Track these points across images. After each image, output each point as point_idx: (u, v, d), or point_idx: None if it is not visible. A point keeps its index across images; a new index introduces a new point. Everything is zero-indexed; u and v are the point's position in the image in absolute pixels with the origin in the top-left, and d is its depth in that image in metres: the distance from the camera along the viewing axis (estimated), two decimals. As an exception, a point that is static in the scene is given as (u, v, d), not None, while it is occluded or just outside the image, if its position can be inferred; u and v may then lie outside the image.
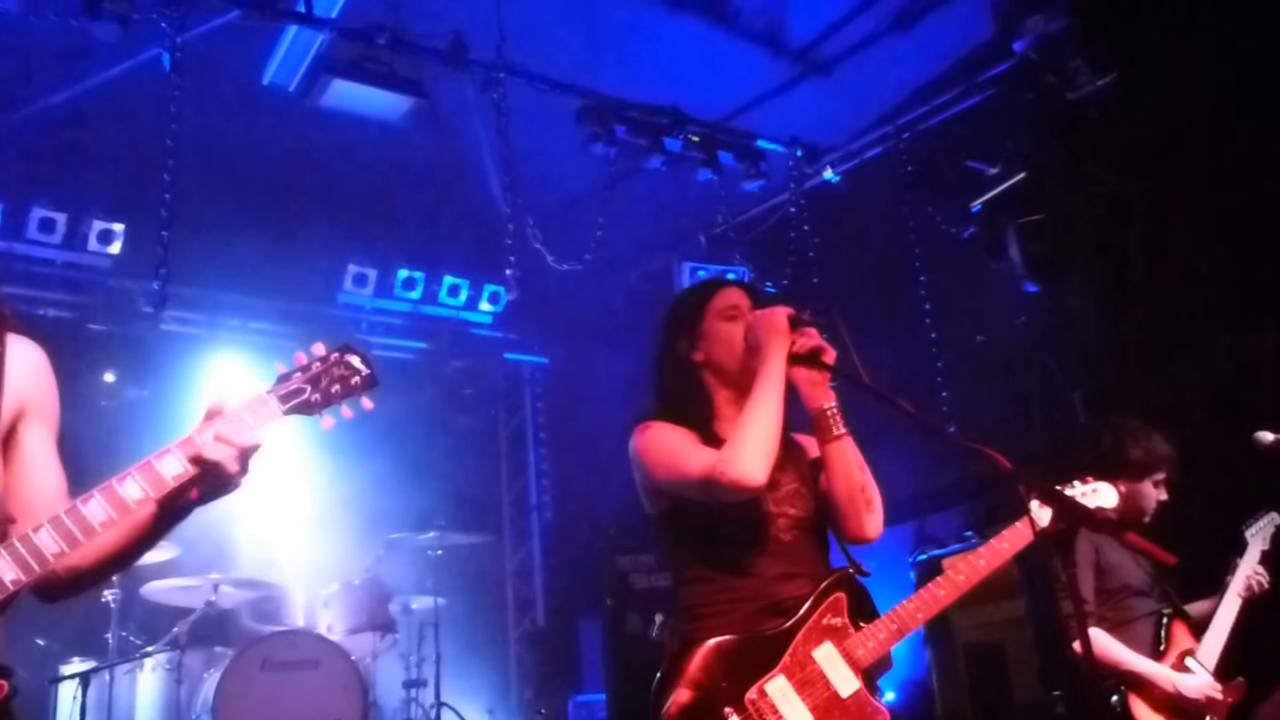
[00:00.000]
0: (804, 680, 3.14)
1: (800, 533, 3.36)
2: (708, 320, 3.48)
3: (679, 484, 3.29)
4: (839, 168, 8.62)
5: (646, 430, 3.38)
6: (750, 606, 3.25)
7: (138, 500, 2.31)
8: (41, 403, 2.54)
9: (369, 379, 2.58)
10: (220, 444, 2.35)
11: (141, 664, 7.05)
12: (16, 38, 6.38)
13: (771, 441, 3.17)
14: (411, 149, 8.10)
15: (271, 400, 2.46)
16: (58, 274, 8.31)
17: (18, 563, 2.21)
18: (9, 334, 2.50)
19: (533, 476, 11.18)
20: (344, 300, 9.71)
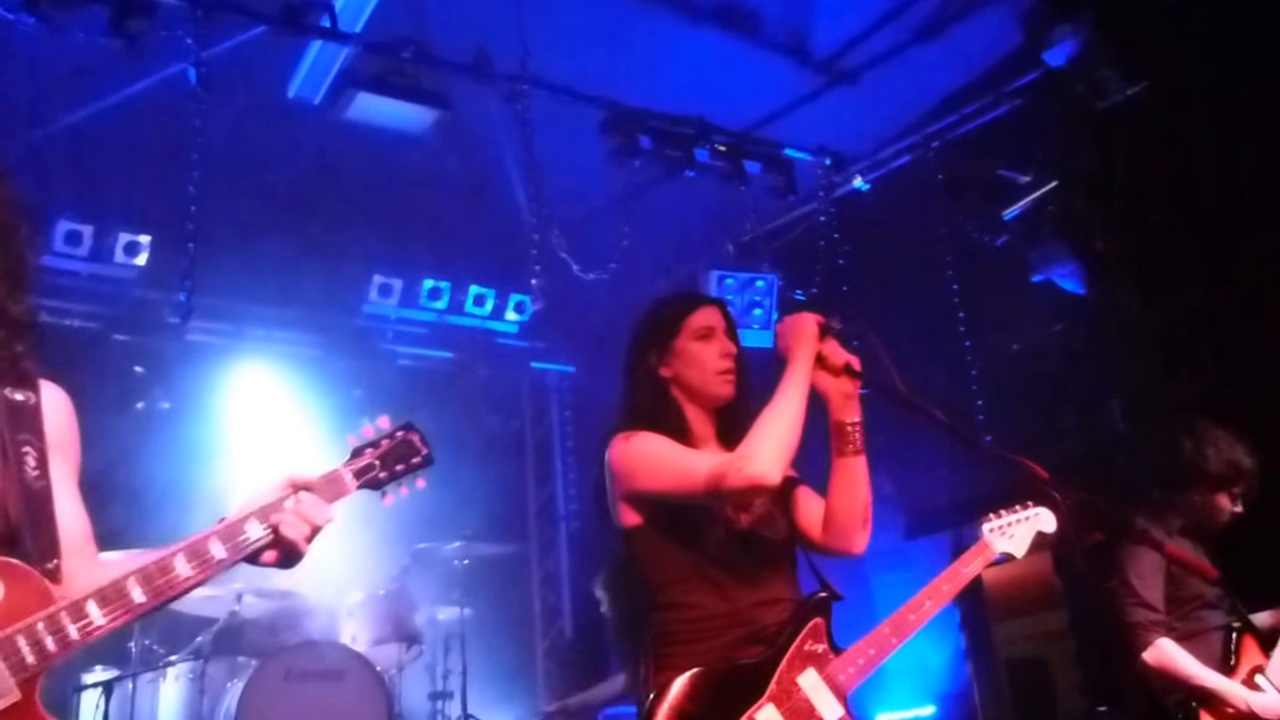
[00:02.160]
0: (792, 709, 3.10)
1: (777, 554, 3.34)
2: (681, 337, 3.44)
3: (677, 489, 3.20)
4: (868, 176, 8.57)
5: (631, 438, 3.30)
6: (730, 636, 3.20)
7: (220, 560, 2.42)
8: (67, 444, 2.60)
9: (426, 459, 2.82)
10: (299, 520, 2.48)
11: (164, 673, 7.05)
12: (45, 54, 6.44)
13: (791, 443, 3.11)
14: (437, 160, 8.13)
15: (347, 475, 2.66)
16: (84, 286, 8.35)
17: (106, 610, 2.27)
18: (40, 380, 2.58)
19: (560, 486, 11.18)
20: (369, 310, 9.73)
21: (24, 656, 2.17)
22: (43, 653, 2.18)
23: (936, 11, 7.31)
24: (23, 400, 2.51)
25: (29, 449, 2.44)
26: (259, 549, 2.47)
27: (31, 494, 2.39)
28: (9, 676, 2.16)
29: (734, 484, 3.05)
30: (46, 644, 2.18)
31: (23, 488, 2.38)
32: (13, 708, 2.16)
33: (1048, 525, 3.83)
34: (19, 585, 2.23)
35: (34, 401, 2.52)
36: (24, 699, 2.17)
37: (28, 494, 2.38)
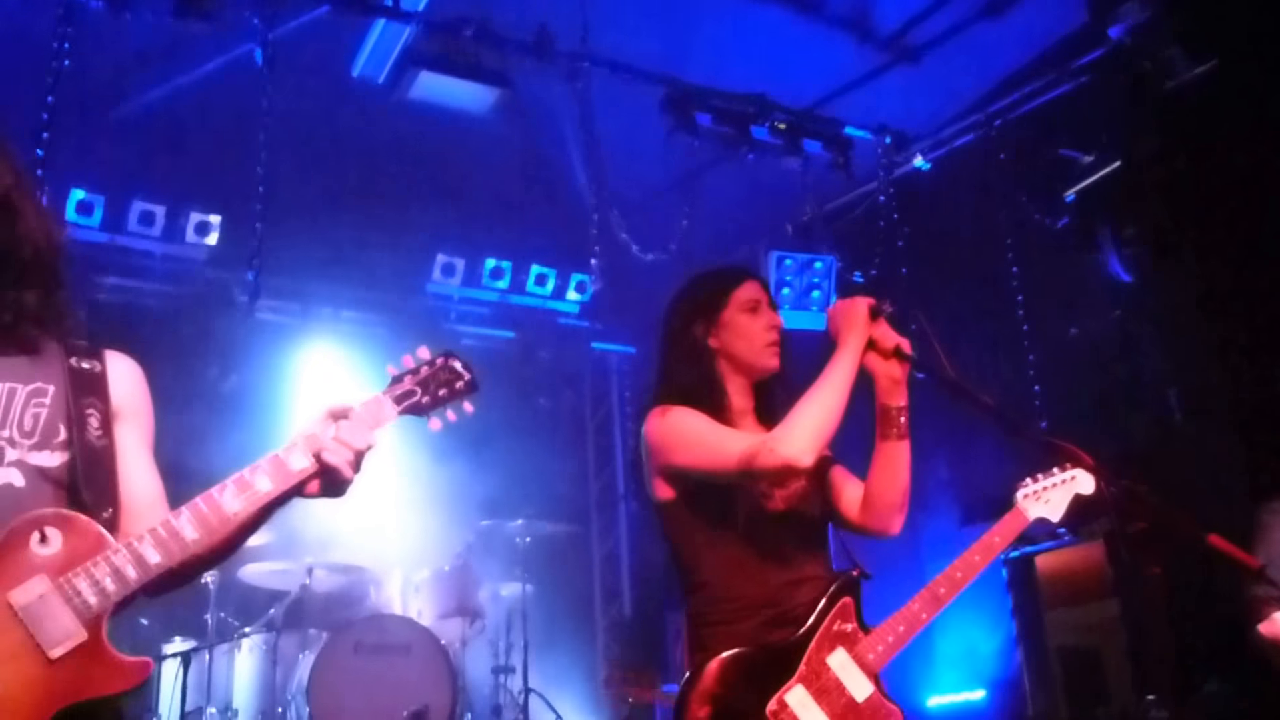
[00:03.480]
0: (821, 689, 3.13)
1: (810, 532, 3.36)
2: (729, 309, 3.46)
3: (709, 466, 3.21)
4: (929, 155, 8.48)
5: (667, 413, 3.32)
6: (761, 617, 3.22)
7: (267, 492, 2.47)
8: (136, 410, 2.71)
9: (471, 383, 2.76)
10: (340, 446, 2.52)
11: (239, 645, 7.23)
12: (114, 37, 6.52)
13: (829, 427, 3.11)
14: (498, 140, 8.16)
15: (387, 402, 2.65)
16: (157, 265, 8.53)
17: (160, 547, 2.36)
18: (106, 351, 2.68)
19: (619, 466, 11.21)
20: (432, 290, 9.82)
21: (86, 598, 2.28)
22: (104, 593, 2.29)
23: (1001, -14, 7.24)
24: (88, 369, 2.61)
25: (93, 411, 2.55)
26: (305, 479, 2.52)
27: (92, 450, 2.50)
28: (74, 618, 2.27)
29: (766, 464, 3.06)
30: (106, 585, 2.29)
31: (84, 445, 2.49)
32: (81, 647, 2.26)
33: (1085, 487, 3.74)
34: (76, 534, 2.33)
35: (99, 370, 2.63)
36: (91, 638, 2.28)
37: (89, 450, 2.49)
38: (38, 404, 2.52)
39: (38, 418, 2.50)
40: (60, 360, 2.60)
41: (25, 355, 2.57)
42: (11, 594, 2.24)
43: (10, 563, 2.27)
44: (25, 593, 2.25)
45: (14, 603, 2.24)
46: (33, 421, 2.49)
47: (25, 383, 2.53)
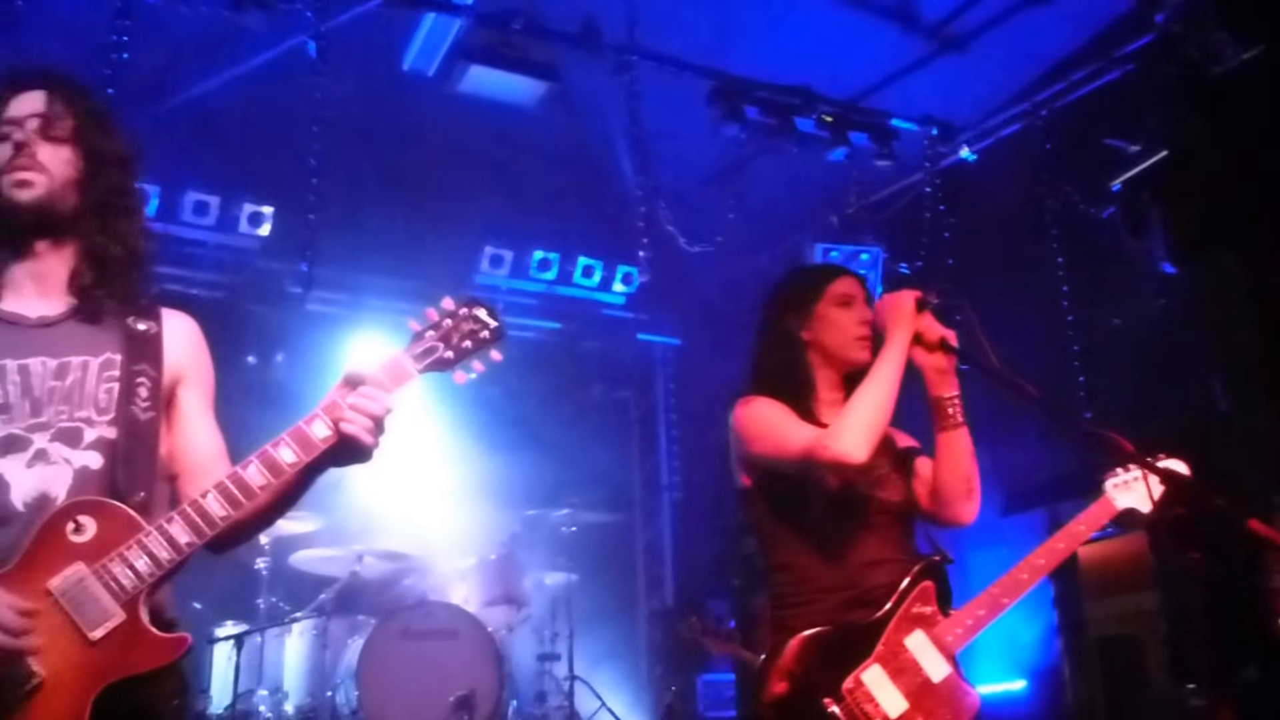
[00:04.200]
0: (898, 668, 3.18)
1: (890, 518, 3.40)
2: (823, 303, 3.51)
3: (778, 458, 3.30)
4: (975, 146, 8.47)
5: (749, 404, 3.40)
6: (839, 597, 3.28)
7: (291, 463, 2.48)
8: (197, 369, 2.76)
9: (497, 331, 2.69)
10: (356, 415, 2.51)
11: (289, 629, 7.33)
12: (170, 29, 6.64)
13: (880, 422, 3.18)
14: (545, 132, 8.21)
15: (407, 360, 2.60)
16: (210, 255, 8.59)
17: (190, 527, 2.41)
18: (163, 310, 2.72)
19: (664, 457, 11.25)
20: (480, 281, 9.85)
21: (121, 581, 2.35)
22: (137, 574, 2.37)
23: (1048, -27, 7.21)
24: (144, 330, 2.65)
25: (143, 379, 2.58)
26: (328, 449, 2.51)
27: (136, 428, 2.54)
28: (110, 600, 2.35)
29: (821, 460, 3.14)
30: (139, 566, 2.36)
31: (129, 421, 2.53)
32: (119, 627, 2.35)
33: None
34: (108, 519, 2.40)
35: (155, 331, 2.67)
36: (129, 618, 2.36)
37: (132, 425, 2.53)
38: (109, 377, 2.57)
39: (111, 393, 2.56)
40: (120, 321, 2.64)
41: (94, 323, 2.62)
42: (51, 581, 2.33)
43: (49, 552, 2.35)
44: (64, 580, 2.34)
45: (54, 589, 2.32)
46: (106, 397, 2.55)
47: (96, 354, 2.58)
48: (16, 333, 2.55)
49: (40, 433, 2.47)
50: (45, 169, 2.56)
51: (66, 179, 2.59)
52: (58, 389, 2.51)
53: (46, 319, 2.59)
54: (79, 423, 2.50)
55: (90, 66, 6.00)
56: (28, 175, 2.54)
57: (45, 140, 2.59)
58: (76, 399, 2.52)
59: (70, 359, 2.55)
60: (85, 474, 2.48)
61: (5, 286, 2.60)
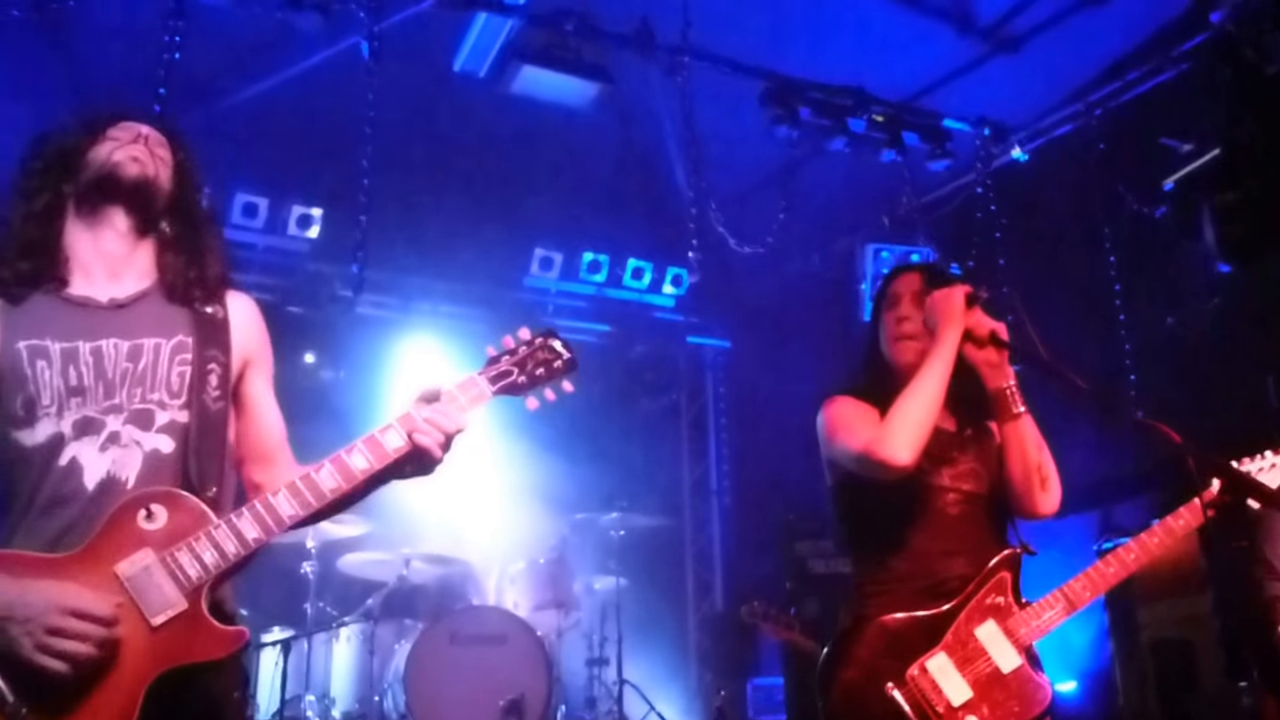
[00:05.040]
0: (965, 657, 3.20)
1: (970, 509, 3.41)
2: (883, 308, 3.61)
3: (844, 457, 3.37)
4: (1027, 146, 8.36)
5: (830, 404, 3.50)
6: (914, 585, 3.31)
7: (363, 470, 2.57)
8: (261, 353, 2.88)
9: (570, 362, 2.81)
10: (431, 427, 2.60)
11: (337, 634, 7.33)
12: (222, 31, 6.65)
13: (925, 422, 3.21)
14: (596, 133, 8.17)
15: (482, 381, 2.73)
16: (259, 258, 8.61)
17: (259, 523, 2.49)
18: (228, 291, 2.82)
19: (713, 461, 11.20)
20: (530, 283, 9.88)
21: (187, 570, 2.42)
22: (204, 566, 2.43)
23: (1104, -26, 7.09)
24: (212, 313, 2.74)
25: (214, 366, 2.67)
26: (399, 458, 2.60)
27: (208, 418, 2.62)
28: (175, 589, 2.41)
29: (872, 460, 3.21)
30: (206, 558, 2.43)
31: (201, 411, 2.61)
32: (181, 615, 2.41)
33: None
34: (179, 509, 2.47)
35: (222, 315, 2.76)
36: (190, 608, 2.42)
37: (205, 418, 2.61)
38: (181, 361, 2.64)
39: (183, 376, 2.63)
40: (188, 304, 2.73)
41: (165, 305, 2.71)
42: (119, 565, 2.39)
43: (120, 536, 2.42)
44: (131, 564, 2.40)
45: (120, 573, 2.39)
46: (179, 381, 2.63)
47: (168, 337, 2.66)
48: (88, 315, 2.63)
49: (114, 415, 2.55)
50: (157, 160, 2.74)
51: (167, 177, 2.76)
52: (130, 371, 2.59)
53: (117, 301, 2.67)
54: (151, 405, 2.58)
55: (142, 67, 6.02)
56: (143, 154, 2.71)
57: (158, 145, 2.77)
58: (150, 381, 2.60)
59: (143, 341, 2.63)
60: (155, 457, 2.55)
61: (74, 269, 2.68)
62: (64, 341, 2.57)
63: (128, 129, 2.74)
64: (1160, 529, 3.49)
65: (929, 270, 3.71)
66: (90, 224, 2.70)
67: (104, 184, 2.68)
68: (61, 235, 2.69)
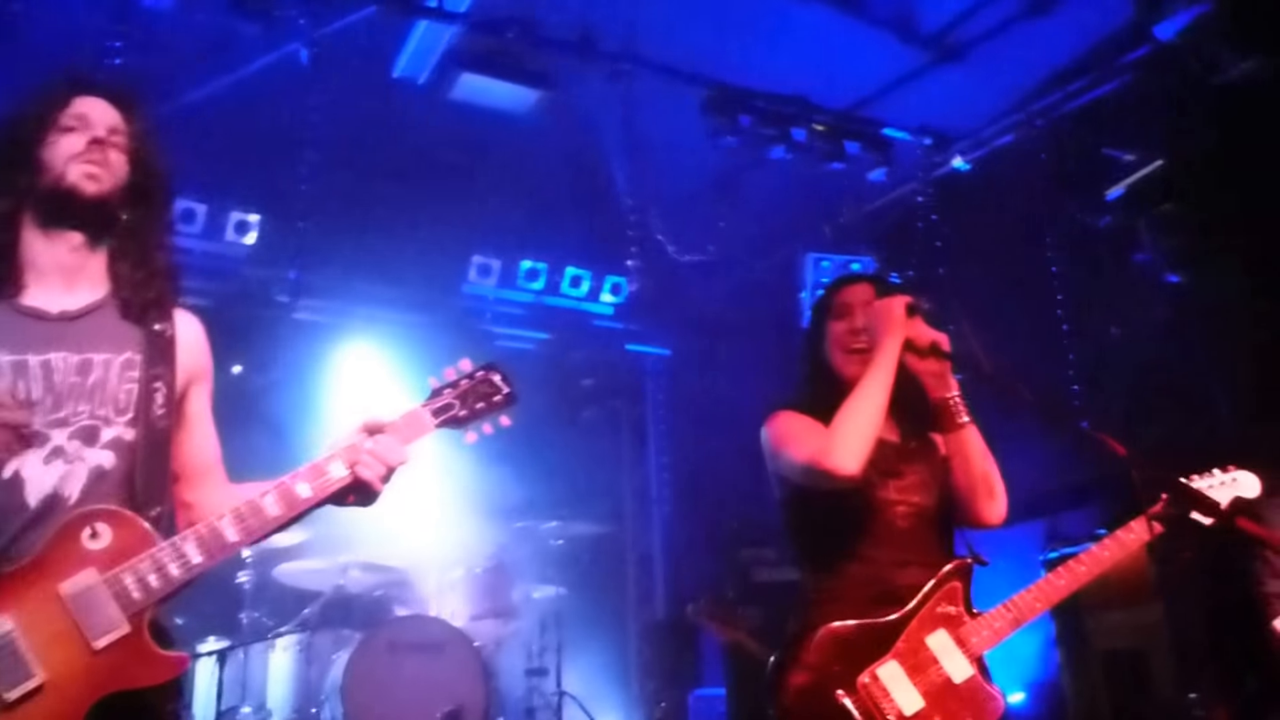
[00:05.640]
0: (916, 665, 3.20)
1: (919, 521, 3.42)
2: (830, 316, 3.60)
3: (790, 469, 3.37)
4: (969, 155, 8.41)
5: (775, 418, 3.50)
6: (865, 592, 3.31)
7: (306, 499, 2.60)
8: (204, 372, 2.88)
9: (509, 397, 2.88)
10: (374, 460, 2.64)
11: (273, 644, 7.22)
12: (162, 36, 6.54)
13: (869, 431, 3.22)
14: (537, 140, 8.14)
15: (425, 415, 2.79)
16: (196, 263, 8.40)
17: (203, 548, 2.49)
18: (176, 310, 2.82)
19: (653, 468, 11.18)
20: (468, 291, 9.83)
21: (131, 593, 2.40)
22: (147, 589, 2.41)
23: (1050, -17, 7.16)
24: (160, 331, 2.73)
25: (160, 385, 2.66)
26: (341, 489, 2.63)
27: (154, 436, 2.61)
28: (118, 611, 2.39)
29: (817, 471, 3.21)
30: (150, 580, 2.42)
31: (149, 428, 2.60)
32: (123, 639, 2.38)
33: (1249, 490, 3.70)
34: (125, 530, 2.46)
35: (170, 333, 2.75)
36: (133, 631, 2.40)
37: (151, 436, 2.61)
38: (129, 378, 2.64)
39: (130, 393, 2.63)
40: (139, 320, 2.72)
41: (115, 320, 2.70)
42: (62, 585, 2.37)
43: (63, 555, 2.39)
44: (75, 584, 2.38)
45: (63, 593, 2.36)
46: (126, 397, 2.62)
47: (118, 352, 2.65)
48: (38, 327, 2.62)
49: (59, 429, 2.54)
50: (112, 169, 2.71)
51: (123, 184, 2.75)
52: (78, 385, 2.58)
53: (68, 313, 2.66)
54: (98, 420, 2.57)
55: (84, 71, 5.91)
56: (98, 170, 2.68)
57: (112, 146, 2.73)
58: (98, 397, 2.59)
59: (92, 356, 2.62)
60: (99, 473, 2.55)
61: (29, 279, 2.66)
62: (13, 354, 2.55)
63: (82, 121, 2.71)
64: (1111, 541, 3.52)
65: (878, 281, 3.72)
66: (46, 232, 2.68)
67: (60, 201, 2.67)
68: (19, 242, 2.68)
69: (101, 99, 2.79)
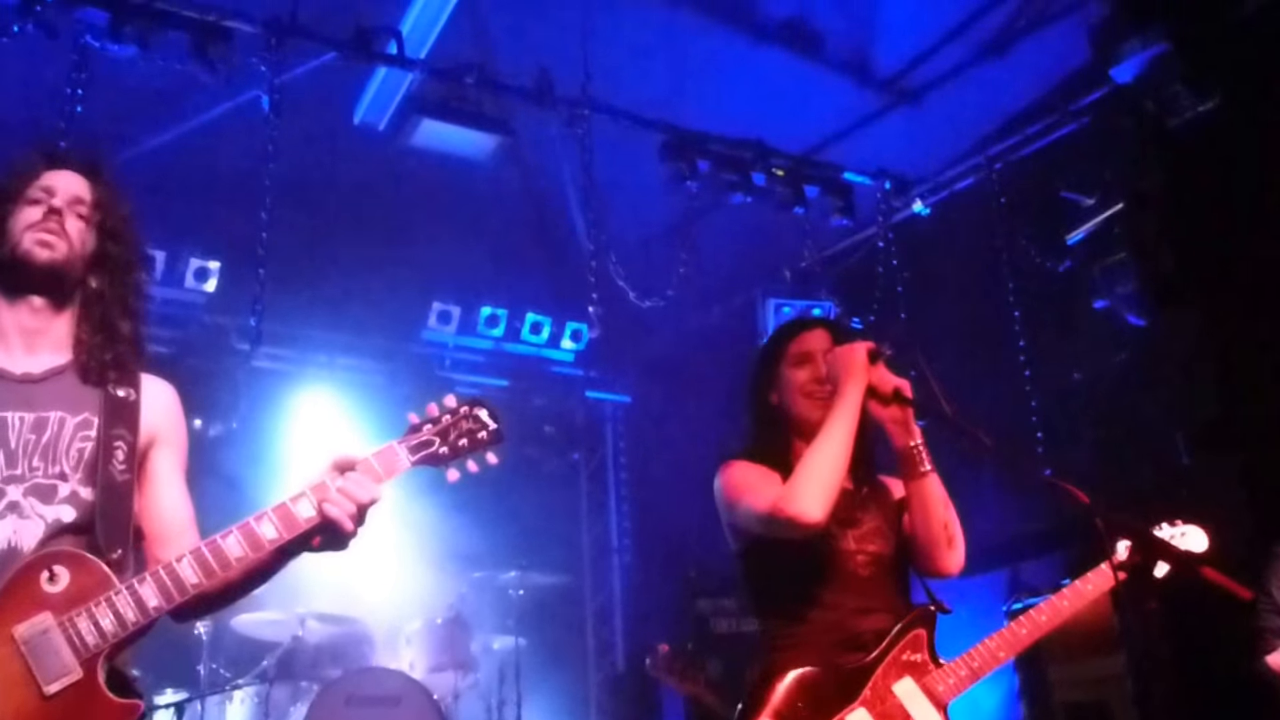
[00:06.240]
0: (884, 714, 3.15)
1: (879, 569, 3.37)
2: (783, 364, 3.53)
3: (749, 520, 3.31)
4: (929, 200, 8.46)
5: (727, 469, 3.44)
6: (829, 639, 3.26)
7: (271, 540, 2.51)
8: (172, 434, 2.81)
9: (496, 434, 2.73)
10: (343, 498, 2.54)
11: (231, 696, 7.11)
12: (123, 80, 6.54)
13: (833, 479, 3.17)
14: (496, 185, 8.18)
15: (401, 451, 2.65)
16: (156, 310, 8.26)
17: (160, 590, 2.42)
18: (143, 374, 2.77)
19: (614, 517, 11.12)
20: (428, 337, 9.80)
21: (85, 637, 2.34)
22: (101, 633, 2.35)
23: (1003, 28, 7.24)
24: (124, 396, 2.67)
25: (120, 443, 2.60)
26: (310, 529, 2.53)
27: (114, 486, 2.56)
28: (71, 656, 2.33)
29: (780, 520, 3.14)
30: (105, 625, 2.36)
31: (108, 480, 2.55)
32: (75, 685, 2.32)
33: (1197, 544, 3.74)
34: (83, 572, 2.40)
35: (134, 399, 2.68)
36: (86, 677, 2.33)
37: (111, 486, 2.55)
38: (84, 437, 2.59)
39: (82, 452, 2.58)
40: (101, 385, 2.68)
41: (77, 384, 2.66)
42: (16, 628, 2.32)
43: (20, 597, 2.35)
44: (29, 627, 2.33)
45: (17, 636, 2.31)
46: (78, 456, 2.57)
47: (74, 413, 2.61)
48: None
49: (14, 485, 2.50)
50: (69, 238, 2.68)
51: (83, 253, 2.72)
52: (33, 442, 2.54)
53: (30, 375, 2.63)
54: (53, 479, 2.53)
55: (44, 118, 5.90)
56: (52, 239, 2.65)
57: (72, 215, 2.71)
58: (52, 454, 2.55)
59: (48, 414, 2.58)
60: (57, 526, 2.49)
61: None
62: None
63: (47, 193, 2.70)
64: (1069, 591, 3.52)
65: (832, 325, 3.71)
66: (9, 298, 2.66)
67: (16, 268, 2.65)
68: None
69: (70, 171, 2.78)
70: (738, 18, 7.29)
